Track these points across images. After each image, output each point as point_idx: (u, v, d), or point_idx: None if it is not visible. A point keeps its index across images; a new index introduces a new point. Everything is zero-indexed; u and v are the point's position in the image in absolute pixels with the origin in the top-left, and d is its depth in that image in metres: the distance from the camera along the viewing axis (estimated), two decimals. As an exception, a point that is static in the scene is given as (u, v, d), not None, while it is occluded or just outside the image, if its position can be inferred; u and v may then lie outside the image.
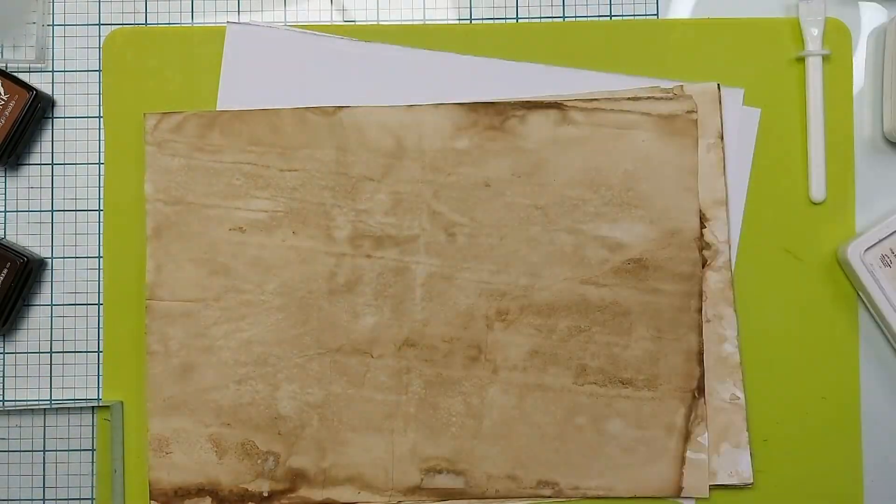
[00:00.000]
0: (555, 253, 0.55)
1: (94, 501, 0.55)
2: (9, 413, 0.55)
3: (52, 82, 0.57)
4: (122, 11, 0.57)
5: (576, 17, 0.57)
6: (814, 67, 0.55)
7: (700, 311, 0.55)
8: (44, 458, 0.56)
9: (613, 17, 0.57)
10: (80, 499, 0.55)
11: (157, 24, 0.57)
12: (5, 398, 0.56)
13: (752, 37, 0.56)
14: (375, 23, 0.57)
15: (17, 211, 0.57)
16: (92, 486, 0.55)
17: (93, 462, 0.55)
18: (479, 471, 0.54)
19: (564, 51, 0.56)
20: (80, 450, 0.55)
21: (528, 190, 0.55)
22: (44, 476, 0.55)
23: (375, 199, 0.55)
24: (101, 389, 0.56)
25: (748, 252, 0.55)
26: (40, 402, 0.56)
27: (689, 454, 0.54)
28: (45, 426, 0.56)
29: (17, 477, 0.55)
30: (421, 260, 0.55)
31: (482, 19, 0.57)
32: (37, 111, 0.55)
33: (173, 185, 0.55)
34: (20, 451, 0.56)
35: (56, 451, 0.56)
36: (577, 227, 0.55)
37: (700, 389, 0.54)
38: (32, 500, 0.55)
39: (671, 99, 0.55)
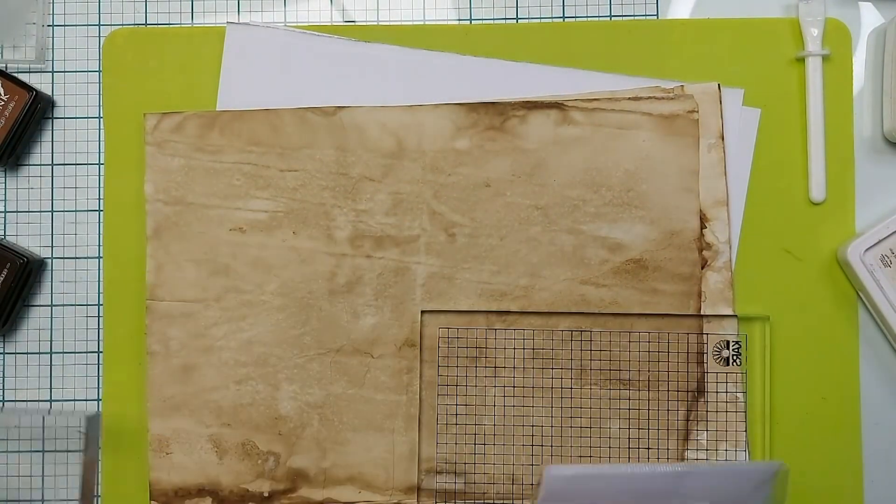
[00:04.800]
0: (555, 253, 0.55)
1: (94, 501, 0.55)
2: (9, 413, 0.55)
3: (52, 82, 0.57)
4: (122, 11, 0.57)
5: (576, 17, 0.57)
6: (814, 67, 0.55)
7: (700, 311, 0.55)
8: (43, 458, 0.55)
9: (613, 18, 0.57)
10: (80, 499, 0.55)
11: (157, 24, 0.57)
12: (5, 398, 0.56)
13: (752, 37, 0.56)
14: (375, 23, 0.57)
15: (17, 211, 0.56)
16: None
17: (93, 462, 0.55)
18: (478, 471, 0.55)
19: (564, 51, 0.56)
20: (81, 450, 0.55)
21: (528, 190, 0.55)
22: (43, 476, 0.55)
23: (376, 200, 0.55)
24: (101, 390, 0.56)
25: (748, 252, 0.55)
26: (40, 403, 0.56)
27: (689, 454, 0.54)
28: (44, 426, 0.55)
29: (17, 477, 0.55)
30: (421, 260, 0.55)
31: (482, 19, 0.57)
32: (37, 111, 0.55)
33: (173, 185, 0.55)
34: (20, 451, 0.56)
35: (56, 451, 0.55)
36: (578, 227, 0.55)
37: (700, 390, 0.54)
38: (32, 500, 0.55)
39: (672, 99, 0.55)
